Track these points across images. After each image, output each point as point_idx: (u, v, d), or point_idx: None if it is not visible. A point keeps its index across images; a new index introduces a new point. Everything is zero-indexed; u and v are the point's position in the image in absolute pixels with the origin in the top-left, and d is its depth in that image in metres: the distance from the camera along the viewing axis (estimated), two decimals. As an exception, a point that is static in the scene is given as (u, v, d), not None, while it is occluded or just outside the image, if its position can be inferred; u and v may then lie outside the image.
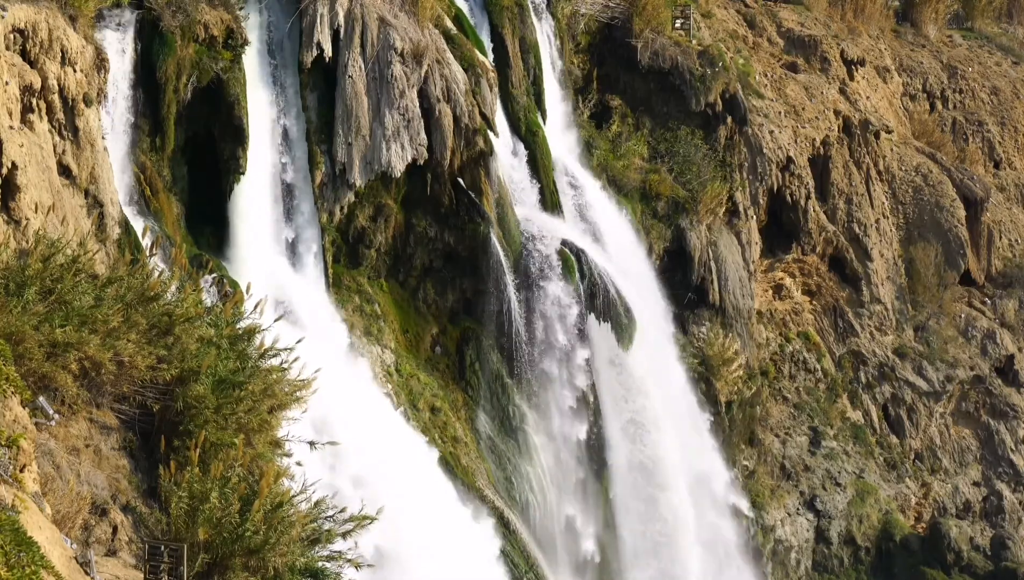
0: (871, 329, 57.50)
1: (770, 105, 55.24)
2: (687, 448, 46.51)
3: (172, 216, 36.30)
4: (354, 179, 39.52)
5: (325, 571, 20.66)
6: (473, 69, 42.03)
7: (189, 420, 21.18)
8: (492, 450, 41.73)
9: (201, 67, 36.50)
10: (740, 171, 52.29)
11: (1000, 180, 66.46)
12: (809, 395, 55.25)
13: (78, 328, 20.47)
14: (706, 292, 49.84)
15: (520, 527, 40.31)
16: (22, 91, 29.61)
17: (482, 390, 42.18)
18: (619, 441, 44.63)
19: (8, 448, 16.67)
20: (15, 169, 28.06)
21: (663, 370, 46.36)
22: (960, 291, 61.09)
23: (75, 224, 29.71)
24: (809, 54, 60.44)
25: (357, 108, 39.51)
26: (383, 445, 36.01)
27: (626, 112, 51.42)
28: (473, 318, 42.39)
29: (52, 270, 21.30)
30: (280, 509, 19.84)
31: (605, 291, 43.62)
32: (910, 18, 69.46)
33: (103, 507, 19.73)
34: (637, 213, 48.73)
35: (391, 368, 40.19)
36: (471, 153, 41.44)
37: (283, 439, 23.03)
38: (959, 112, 67.58)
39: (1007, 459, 58.43)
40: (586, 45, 51.15)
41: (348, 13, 39.70)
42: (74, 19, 32.03)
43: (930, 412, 57.54)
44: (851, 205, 57.53)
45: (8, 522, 14.98)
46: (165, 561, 18.42)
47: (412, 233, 41.52)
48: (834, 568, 52.94)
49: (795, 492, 52.72)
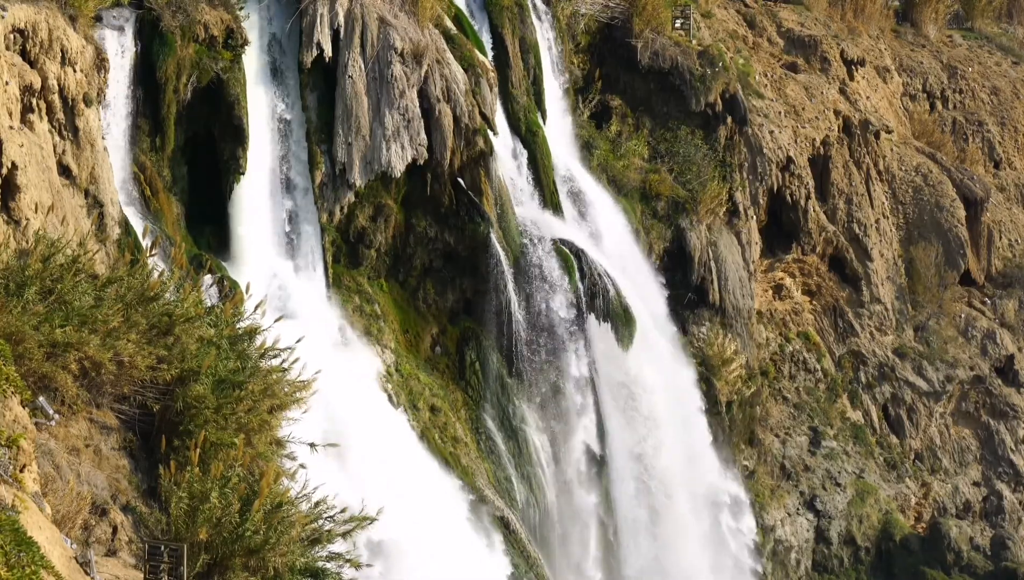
0: (871, 329, 57.50)
1: (770, 105, 55.24)
2: (687, 448, 46.52)
3: (172, 216, 36.30)
4: (354, 179, 39.52)
5: (325, 571, 20.67)
6: (473, 69, 42.03)
7: (189, 420, 21.17)
8: (492, 450, 41.73)
9: (201, 67, 36.50)
10: (740, 171, 52.30)
11: (1000, 180, 66.46)
12: (809, 395, 55.25)
13: (78, 328, 20.46)
14: (706, 292, 49.84)
15: (520, 527, 40.30)
16: (22, 91, 29.61)
17: (482, 390, 42.18)
18: (619, 441, 44.63)
19: (8, 448, 16.66)
20: (15, 169, 28.07)
21: (663, 370, 46.34)
22: (960, 291, 61.09)
23: (75, 224, 29.71)
24: (809, 54, 60.44)
25: (357, 108, 39.51)
26: (383, 445, 36.03)
27: (626, 112, 51.42)
28: (473, 318, 42.39)
29: (52, 270, 21.30)
30: (280, 509, 19.84)
31: (605, 291, 43.62)
32: (910, 18, 69.46)
33: (103, 507, 19.72)
34: (637, 213, 48.73)
35: (391, 368, 40.20)
36: (471, 153, 41.44)
37: (284, 439, 23.04)
38: (959, 112, 67.57)
39: (1007, 459, 58.42)
40: (586, 45, 51.15)
41: (348, 13, 39.70)
42: (74, 19, 32.04)
43: (930, 412, 57.54)
44: (851, 205, 57.53)
45: (8, 522, 14.98)
46: (165, 561, 18.41)
47: (412, 233, 41.51)
48: (834, 568, 52.94)
49: (795, 492, 52.72)
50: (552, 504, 42.73)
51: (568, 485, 43.53)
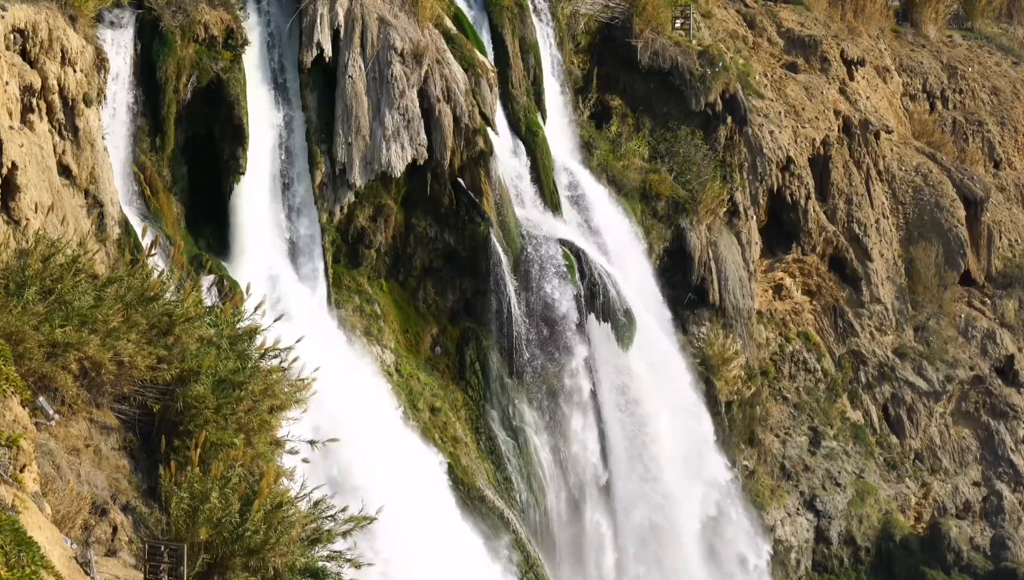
0: (871, 329, 57.49)
1: (770, 105, 55.25)
2: (687, 447, 46.50)
3: (172, 216, 36.29)
4: (354, 179, 39.51)
5: (325, 571, 20.67)
6: (473, 69, 42.02)
7: (189, 420, 21.17)
8: (492, 450, 41.73)
9: (201, 67, 36.49)
10: (740, 171, 52.30)
11: (1000, 180, 66.46)
12: (809, 395, 55.25)
13: (78, 328, 20.46)
14: (706, 292, 49.84)
15: (520, 527, 40.30)
16: (22, 91, 29.61)
17: (482, 390, 42.18)
18: (619, 440, 44.62)
19: (8, 448, 16.66)
20: (15, 169, 28.06)
21: (663, 370, 46.33)
22: (960, 291, 61.09)
23: (75, 224, 29.71)
24: (809, 54, 60.44)
25: (357, 108, 39.50)
26: (382, 444, 36.02)
27: (626, 112, 51.43)
28: (473, 318, 42.38)
29: (52, 270, 21.29)
30: (280, 509, 19.84)
31: (605, 291, 43.62)
32: (910, 18, 69.47)
33: (103, 507, 19.72)
34: (637, 213, 48.74)
35: (391, 368, 40.19)
36: (471, 153, 41.44)
37: (284, 439, 23.03)
38: (959, 112, 67.57)
39: (1007, 459, 58.42)
40: (586, 45, 51.16)
41: (348, 13, 39.69)
42: (74, 19, 32.03)
43: (930, 412, 57.54)
44: (851, 205, 57.53)
45: (8, 522, 14.98)
46: (165, 561, 18.41)
47: (412, 233, 41.51)
48: (834, 568, 52.94)
49: (795, 492, 52.71)
50: (552, 504, 42.73)
51: (568, 484, 43.53)
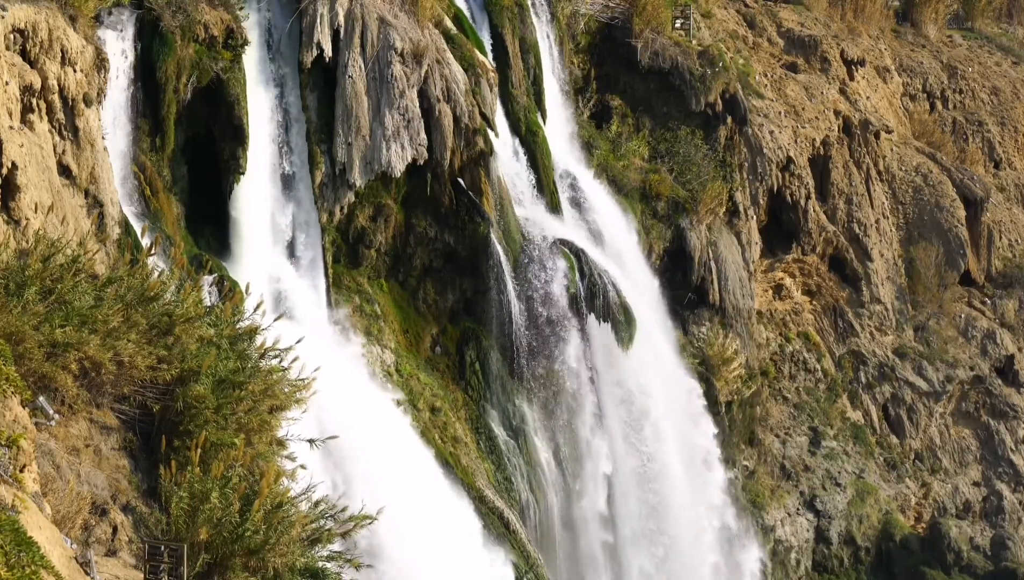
0: (871, 329, 57.50)
1: (770, 105, 55.25)
2: (687, 447, 46.52)
3: (172, 216, 36.28)
4: (354, 179, 39.50)
5: (325, 571, 20.66)
6: (473, 69, 42.01)
7: (189, 420, 21.15)
8: (492, 450, 41.73)
9: (201, 67, 36.48)
10: (740, 171, 52.31)
11: (1000, 180, 66.48)
12: (809, 395, 55.26)
13: (78, 328, 20.44)
14: (706, 292, 49.85)
15: (520, 527, 40.30)
16: (22, 91, 29.60)
17: (482, 390, 42.18)
18: (619, 440, 44.63)
19: (8, 448, 16.66)
20: (15, 169, 28.05)
21: (663, 370, 46.34)
22: (960, 291, 61.10)
23: (75, 224, 29.70)
24: (809, 54, 60.45)
25: (357, 108, 39.50)
26: (382, 444, 36.01)
27: (626, 112, 51.44)
28: (473, 318, 42.39)
29: (52, 270, 21.28)
30: (280, 509, 19.83)
31: (605, 291, 43.62)
32: (910, 18, 69.49)
33: (103, 507, 19.71)
34: (637, 213, 48.74)
35: (391, 368, 40.19)
36: (471, 153, 41.43)
37: (285, 439, 23.02)
38: (959, 112, 67.58)
39: (1007, 459, 58.42)
40: (586, 45, 51.16)
41: (348, 13, 39.69)
42: (74, 19, 32.02)
43: (930, 412, 57.54)
44: (851, 205, 57.54)
45: (8, 522, 14.97)
46: (165, 561, 18.40)
47: (412, 233, 41.51)
48: (834, 568, 52.94)
49: (795, 492, 52.72)
50: (552, 503, 42.74)
51: (569, 484, 43.53)
